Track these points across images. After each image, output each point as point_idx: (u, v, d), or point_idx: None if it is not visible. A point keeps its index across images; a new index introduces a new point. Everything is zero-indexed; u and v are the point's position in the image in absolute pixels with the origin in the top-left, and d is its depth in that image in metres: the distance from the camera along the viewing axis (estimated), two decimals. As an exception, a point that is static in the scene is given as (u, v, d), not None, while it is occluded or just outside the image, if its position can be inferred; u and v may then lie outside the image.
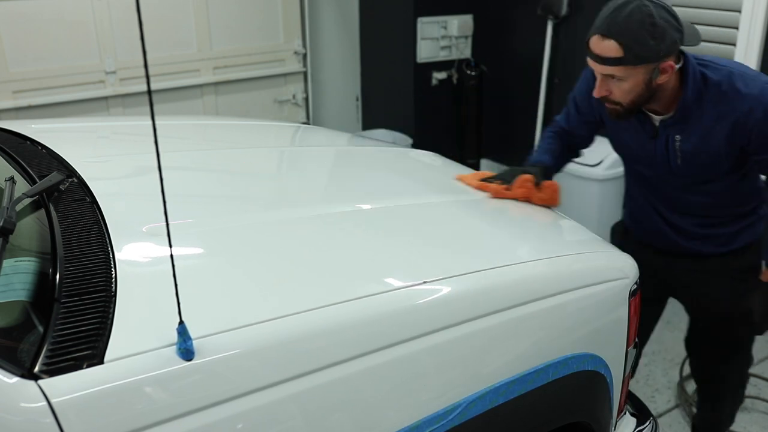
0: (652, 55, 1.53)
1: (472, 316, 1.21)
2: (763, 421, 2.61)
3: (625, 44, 1.51)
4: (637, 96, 1.61)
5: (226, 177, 1.74)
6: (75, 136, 2.15)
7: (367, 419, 1.09)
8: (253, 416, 0.97)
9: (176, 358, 0.92)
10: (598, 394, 1.47)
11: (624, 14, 1.51)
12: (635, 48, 1.51)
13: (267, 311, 1.05)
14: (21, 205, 1.29)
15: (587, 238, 1.64)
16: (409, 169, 2.04)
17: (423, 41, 4.42)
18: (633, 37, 1.51)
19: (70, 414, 0.84)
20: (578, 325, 1.40)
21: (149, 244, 1.23)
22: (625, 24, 1.51)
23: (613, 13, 1.54)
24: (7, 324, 1.02)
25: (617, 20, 1.52)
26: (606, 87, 1.62)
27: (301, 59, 4.91)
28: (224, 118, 3.64)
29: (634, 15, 1.50)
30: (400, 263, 1.32)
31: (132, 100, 4.22)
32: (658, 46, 1.52)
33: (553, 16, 4.04)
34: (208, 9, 4.40)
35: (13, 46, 3.79)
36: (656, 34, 1.51)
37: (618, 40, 1.52)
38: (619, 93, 1.61)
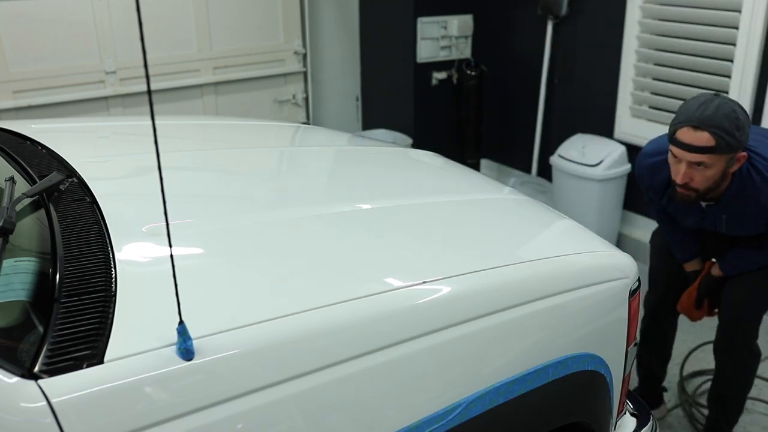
0: (736, 145, 1.77)
1: (472, 316, 1.21)
2: (764, 422, 2.61)
3: (718, 135, 1.74)
4: (714, 183, 1.84)
5: (226, 177, 1.74)
6: (75, 136, 2.15)
7: (367, 419, 1.09)
8: (253, 416, 0.97)
9: (176, 358, 0.92)
10: (598, 394, 1.47)
11: (712, 108, 1.74)
12: (726, 138, 1.74)
13: (267, 311, 1.05)
14: (21, 205, 1.29)
15: (587, 238, 1.64)
16: (409, 169, 2.04)
17: (423, 41, 4.42)
18: (724, 129, 1.74)
19: (70, 414, 0.84)
20: (578, 325, 1.40)
21: (149, 244, 1.23)
22: (715, 117, 1.74)
23: (701, 107, 1.76)
24: (7, 324, 1.02)
25: (707, 113, 1.74)
26: (689, 174, 1.83)
27: (301, 59, 4.91)
28: (224, 118, 3.64)
29: (721, 109, 1.74)
30: (400, 263, 1.32)
31: (132, 100, 4.22)
32: (741, 137, 1.76)
33: (553, 16, 4.04)
34: (208, 9, 4.40)
35: (13, 46, 3.79)
36: (740, 126, 1.75)
37: (711, 131, 1.74)
38: (701, 179, 1.83)
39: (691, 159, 1.79)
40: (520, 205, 1.80)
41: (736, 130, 1.74)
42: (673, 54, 3.48)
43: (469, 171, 2.11)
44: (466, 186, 1.92)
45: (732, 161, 1.81)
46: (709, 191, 1.87)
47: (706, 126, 1.74)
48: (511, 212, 1.75)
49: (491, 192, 1.90)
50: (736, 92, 3.25)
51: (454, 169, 2.07)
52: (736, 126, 1.74)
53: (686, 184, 1.84)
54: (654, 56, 3.56)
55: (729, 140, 1.75)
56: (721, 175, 1.82)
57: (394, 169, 2.00)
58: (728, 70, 3.27)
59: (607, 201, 3.69)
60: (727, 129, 1.73)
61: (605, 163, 3.55)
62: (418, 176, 1.99)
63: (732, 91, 3.26)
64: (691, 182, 1.83)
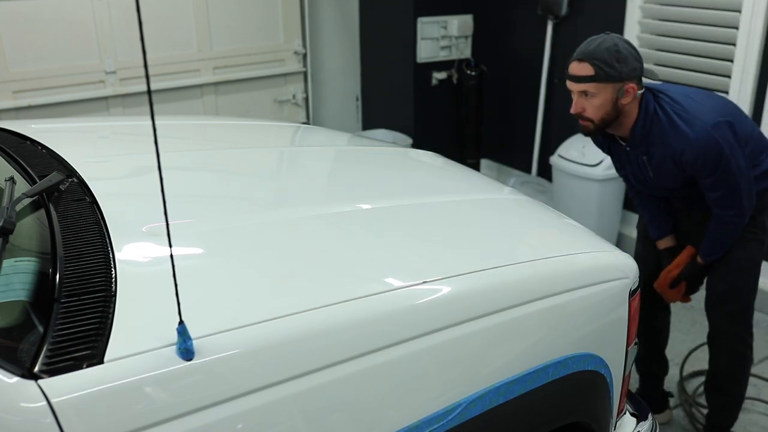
0: (616, 75, 1.92)
1: (472, 316, 1.21)
2: (763, 422, 2.61)
3: (596, 65, 1.92)
4: (606, 113, 1.98)
5: (226, 177, 1.74)
6: (75, 136, 2.15)
7: (367, 419, 1.09)
8: (253, 416, 0.97)
9: (176, 358, 0.92)
10: (598, 394, 1.47)
11: (595, 44, 1.94)
12: (604, 68, 1.91)
13: (267, 311, 1.05)
14: (21, 205, 1.29)
15: (587, 238, 1.64)
16: (409, 169, 2.04)
17: (423, 41, 4.42)
18: (603, 60, 1.91)
19: (70, 414, 0.84)
20: (578, 325, 1.40)
21: (149, 244, 1.23)
22: (596, 50, 1.92)
23: (587, 44, 1.96)
24: (7, 324, 1.02)
25: (590, 48, 1.94)
26: (581, 104, 1.99)
27: (301, 59, 4.91)
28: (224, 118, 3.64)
29: (604, 44, 1.93)
30: (400, 263, 1.32)
31: (132, 100, 4.22)
32: (622, 68, 1.92)
33: (553, 16, 4.04)
34: (208, 9, 4.40)
35: (13, 46, 3.79)
36: (620, 58, 1.91)
37: (590, 62, 1.93)
38: (591, 109, 1.98)
39: (576, 89, 1.97)
40: (520, 205, 1.80)
41: (616, 61, 1.91)
42: (673, 54, 3.48)
43: (469, 171, 2.11)
44: (466, 186, 1.92)
45: (621, 92, 1.94)
46: (605, 122, 2.00)
47: (587, 58, 1.93)
48: (511, 212, 1.75)
49: (491, 192, 1.90)
50: (736, 92, 3.25)
51: (454, 169, 2.07)
52: (616, 58, 1.91)
53: (580, 114, 2.00)
54: (654, 56, 3.56)
55: (608, 70, 1.91)
56: (611, 106, 1.96)
57: (394, 169, 2.00)
58: (728, 70, 3.27)
59: (607, 201, 3.69)
60: (606, 60, 1.90)
61: (605, 163, 3.55)
62: (418, 176, 1.99)
63: (732, 91, 3.26)
64: (584, 112, 1.99)
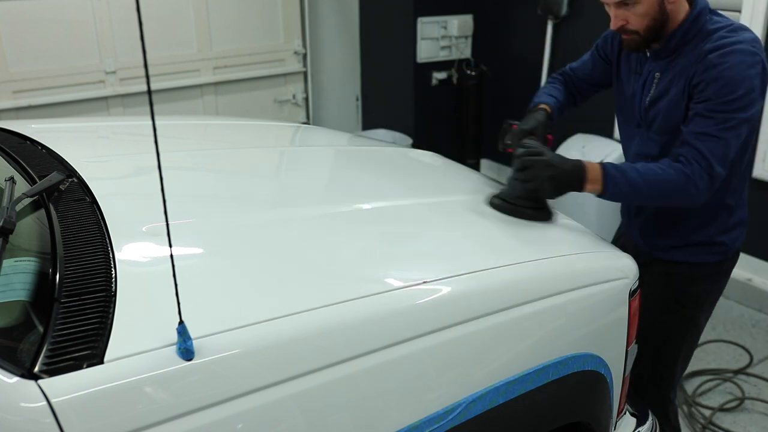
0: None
1: (472, 316, 1.21)
2: (763, 422, 2.61)
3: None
4: (652, 20, 1.64)
5: (226, 177, 1.74)
6: (75, 136, 2.15)
7: (367, 419, 1.09)
8: (253, 416, 0.97)
9: (176, 358, 0.92)
10: (598, 394, 1.47)
11: None
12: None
13: (267, 311, 1.05)
14: (21, 205, 1.29)
15: (587, 238, 1.64)
16: (409, 169, 2.04)
17: (423, 41, 4.42)
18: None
19: (70, 414, 0.84)
20: (578, 325, 1.40)
21: (149, 244, 1.23)
22: None
23: None
24: (7, 324, 1.03)
25: None
26: (622, 17, 1.65)
27: (301, 59, 4.91)
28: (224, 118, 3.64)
29: None
30: (400, 263, 1.32)
31: (132, 100, 4.23)
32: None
33: (553, 16, 4.04)
34: (208, 9, 4.40)
35: (13, 46, 3.79)
36: None
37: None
38: (635, 19, 1.64)
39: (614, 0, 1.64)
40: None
41: None
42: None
43: (469, 171, 2.11)
44: (466, 186, 1.92)
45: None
46: (652, 32, 1.67)
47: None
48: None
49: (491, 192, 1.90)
50: (736, 92, 3.25)
51: (454, 169, 2.07)
52: None
53: (622, 27, 1.67)
54: (654, 56, 3.56)
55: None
56: (657, 10, 1.63)
57: (394, 169, 2.00)
58: (728, 70, 3.27)
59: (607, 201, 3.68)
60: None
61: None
62: (418, 176, 1.99)
63: (732, 91, 3.26)
64: (627, 25, 1.66)
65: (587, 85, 2.04)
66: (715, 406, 2.67)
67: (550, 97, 1.99)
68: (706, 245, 1.81)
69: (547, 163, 1.58)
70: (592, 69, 1.99)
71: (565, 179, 1.60)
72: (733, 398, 2.73)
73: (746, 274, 3.43)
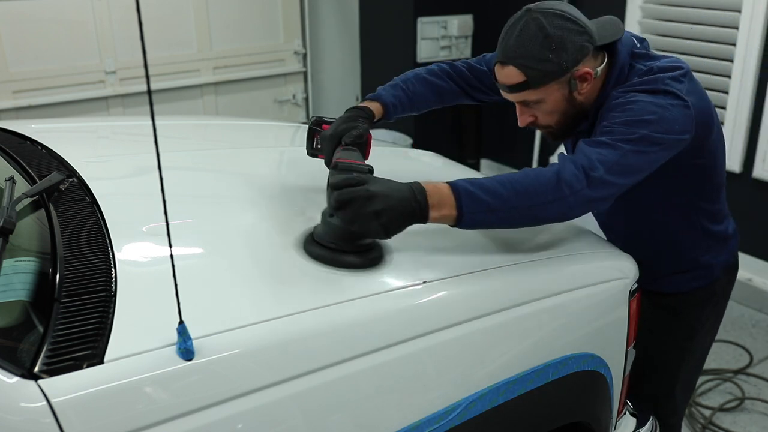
0: (556, 69, 1.37)
1: (472, 316, 1.21)
2: (763, 422, 2.62)
3: (524, 66, 1.37)
4: (563, 114, 1.47)
5: (226, 177, 1.74)
6: (75, 136, 2.15)
7: (367, 419, 1.09)
8: (253, 416, 0.97)
9: (176, 358, 0.92)
10: (598, 394, 1.47)
11: (515, 34, 1.37)
12: (535, 67, 1.36)
13: (267, 311, 1.05)
14: (21, 205, 1.29)
15: (587, 237, 1.63)
16: (409, 168, 2.04)
17: (423, 41, 4.42)
18: (529, 56, 1.36)
19: (70, 414, 0.84)
20: (578, 325, 1.40)
21: (149, 244, 1.23)
22: (517, 45, 1.37)
23: (505, 36, 1.40)
24: (7, 324, 1.03)
25: (510, 43, 1.38)
26: (528, 113, 1.48)
27: (301, 59, 4.91)
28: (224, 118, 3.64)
29: (524, 33, 1.36)
30: (401, 263, 1.32)
31: (132, 100, 4.23)
32: (560, 58, 1.36)
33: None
34: (208, 9, 4.40)
35: (13, 46, 3.79)
36: (554, 46, 1.35)
37: (516, 63, 1.38)
38: (543, 116, 1.48)
39: (513, 99, 1.45)
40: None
41: (548, 51, 1.34)
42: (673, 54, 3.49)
43: (469, 171, 2.11)
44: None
45: (574, 85, 1.40)
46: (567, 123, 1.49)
47: (509, 59, 1.38)
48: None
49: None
50: (736, 92, 3.25)
51: (454, 169, 2.07)
52: (547, 47, 1.34)
53: (533, 123, 1.49)
54: (654, 56, 3.57)
55: (543, 68, 1.36)
56: (567, 104, 1.44)
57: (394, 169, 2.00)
58: (728, 70, 3.27)
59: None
60: (535, 54, 1.35)
61: (605, 163, 3.55)
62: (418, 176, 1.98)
63: (732, 91, 3.26)
64: (537, 121, 1.48)
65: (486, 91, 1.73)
66: (715, 406, 2.67)
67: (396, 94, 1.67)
68: (688, 271, 1.69)
69: (369, 194, 1.18)
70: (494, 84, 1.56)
71: (399, 212, 1.21)
72: (733, 398, 2.73)
73: (746, 274, 3.43)
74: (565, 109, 1.46)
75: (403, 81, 1.69)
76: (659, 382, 1.81)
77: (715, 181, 1.61)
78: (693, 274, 1.70)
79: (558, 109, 1.45)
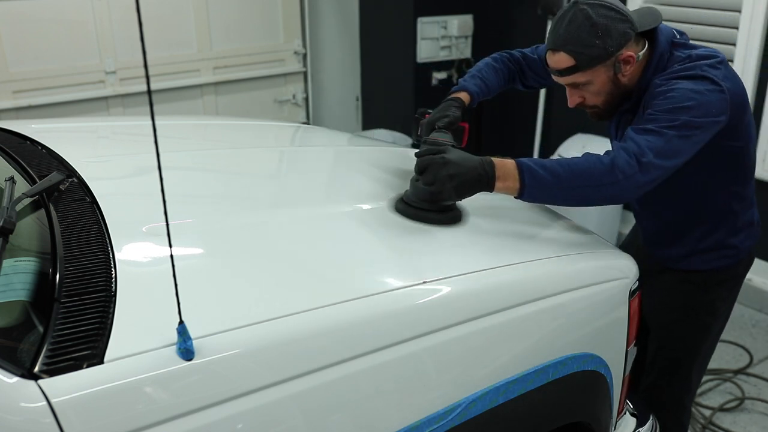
0: (602, 54, 1.56)
1: (472, 316, 1.21)
2: (763, 422, 2.62)
3: (573, 52, 1.56)
4: (609, 95, 1.65)
5: (226, 177, 1.74)
6: (75, 136, 2.15)
7: (367, 419, 1.09)
8: (253, 416, 0.97)
9: (176, 358, 0.92)
10: (598, 394, 1.47)
11: (564, 24, 1.56)
12: (583, 52, 1.55)
13: (267, 311, 1.05)
14: (21, 205, 1.29)
15: (587, 238, 1.64)
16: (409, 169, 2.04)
17: (423, 41, 4.42)
18: (577, 42, 1.55)
19: (70, 414, 0.84)
20: (578, 325, 1.40)
21: (149, 244, 1.23)
22: (566, 33, 1.56)
23: (555, 26, 1.60)
24: (7, 324, 1.03)
25: (560, 32, 1.57)
26: (577, 95, 1.67)
27: (301, 59, 4.91)
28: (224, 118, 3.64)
29: (573, 22, 1.55)
30: (401, 263, 1.32)
31: (132, 100, 4.23)
32: (605, 43, 1.54)
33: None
34: (208, 9, 4.40)
35: (13, 46, 3.79)
36: (600, 32, 1.54)
37: (566, 49, 1.57)
38: (592, 97, 1.66)
39: (563, 82, 1.64)
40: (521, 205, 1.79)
41: (595, 38, 1.53)
42: (673, 54, 3.49)
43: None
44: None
45: (618, 67, 1.58)
46: (612, 103, 1.67)
47: (559, 46, 1.57)
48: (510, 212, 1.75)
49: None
50: (736, 92, 3.25)
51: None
52: (594, 33, 1.53)
53: (580, 104, 1.68)
54: (654, 56, 3.57)
55: (589, 53, 1.55)
56: (612, 85, 1.62)
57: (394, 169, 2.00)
58: (728, 70, 3.27)
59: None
60: (583, 40, 1.54)
61: (605, 163, 3.55)
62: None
63: (732, 91, 3.26)
64: (584, 102, 1.67)
65: (535, 77, 1.99)
66: (715, 406, 2.67)
67: (476, 83, 1.90)
68: (715, 250, 1.80)
69: (444, 161, 1.43)
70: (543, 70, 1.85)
71: (469, 178, 1.44)
72: (733, 398, 2.73)
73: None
74: (610, 89, 1.63)
75: (478, 71, 1.95)
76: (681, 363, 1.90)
77: (747, 164, 1.75)
78: (719, 254, 1.81)
79: (604, 90, 1.63)
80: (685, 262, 1.83)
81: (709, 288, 1.84)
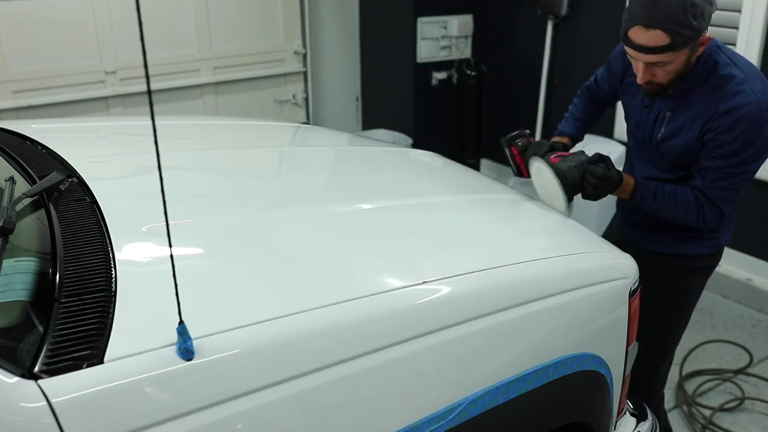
0: (694, 35, 1.55)
1: (472, 316, 1.21)
2: (763, 422, 2.62)
3: (672, 31, 1.52)
4: (678, 74, 1.65)
5: (226, 177, 1.74)
6: (75, 136, 2.15)
7: (367, 419, 1.09)
8: (253, 416, 0.97)
9: (176, 358, 0.92)
10: (598, 394, 1.47)
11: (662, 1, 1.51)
12: (683, 32, 1.52)
13: (267, 311, 1.05)
14: (21, 205, 1.29)
15: (587, 238, 1.64)
16: (409, 168, 2.04)
17: (423, 41, 4.42)
18: (679, 22, 1.51)
19: (70, 414, 0.84)
20: (578, 325, 1.40)
21: (149, 244, 1.23)
22: (666, 10, 1.51)
23: (650, 1, 1.53)
24: (7, 324, 1.03)
25: (658, 8, 1.51)
26: (651, 72, 1.64)
27: (301, 59, 4.91)
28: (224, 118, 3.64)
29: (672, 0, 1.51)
30: (400, 263, 1.32)
31: (132, 100, 4.23)
32: (700, 24, 1.54)
33: (553, 16, 4.04)
34: (208, 9, 4.40)
35: (13, 46, 3.79)
36: (696, 13, 1.52)
37: (664, 27, 1.52)
38: (663, 75, 1.64)
39: (648, 60, 1.59)
40: (520, 205, 1.80)
41: (692, 18, 1.51)
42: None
43: (469, 171, 2.11)
44: (466, 186, 1.92)
45: (695, 48, 1.60)
46: (675, 82, 1.68)
47: (657, 23, 1.52)
48: (510, 212, 1.75)
49: (491, 192, 1.90)
50: (736, 92, 3.25)
51: (454, 169, 2.07)
52: (692, 14, 1.51)
53: (650, 81, 1.66)
54: (654, 56, 3.56)
55: (687, 33, 1.52)
56: (685, 65, 1.62)
57: (394, 169, 2.00)
58: (728, 70, 3.27)
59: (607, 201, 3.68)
60: (682, 21, 1.51)
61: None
62: (418, 176, 1.99)
63: (732, 91, 3.26)
64: (654, 78, 1.65)
65: (608, 97, 2.07)
66: (715, 406, 2.67)
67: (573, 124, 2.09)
68: (700, 239, 1.87)
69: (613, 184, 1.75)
70: (609, 85, 1.99)
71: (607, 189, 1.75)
72: (733, 398, 2.73)
73: (746, 274, 3.43)
74: (682, 69, 1.64)
75: (571, 113, 2.14)
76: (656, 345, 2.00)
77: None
78: (703, 242, 1.89)
79: (678, 69, 1.63)
80: (668, 245, 1.90)
81: (687, 273, 1.93)
